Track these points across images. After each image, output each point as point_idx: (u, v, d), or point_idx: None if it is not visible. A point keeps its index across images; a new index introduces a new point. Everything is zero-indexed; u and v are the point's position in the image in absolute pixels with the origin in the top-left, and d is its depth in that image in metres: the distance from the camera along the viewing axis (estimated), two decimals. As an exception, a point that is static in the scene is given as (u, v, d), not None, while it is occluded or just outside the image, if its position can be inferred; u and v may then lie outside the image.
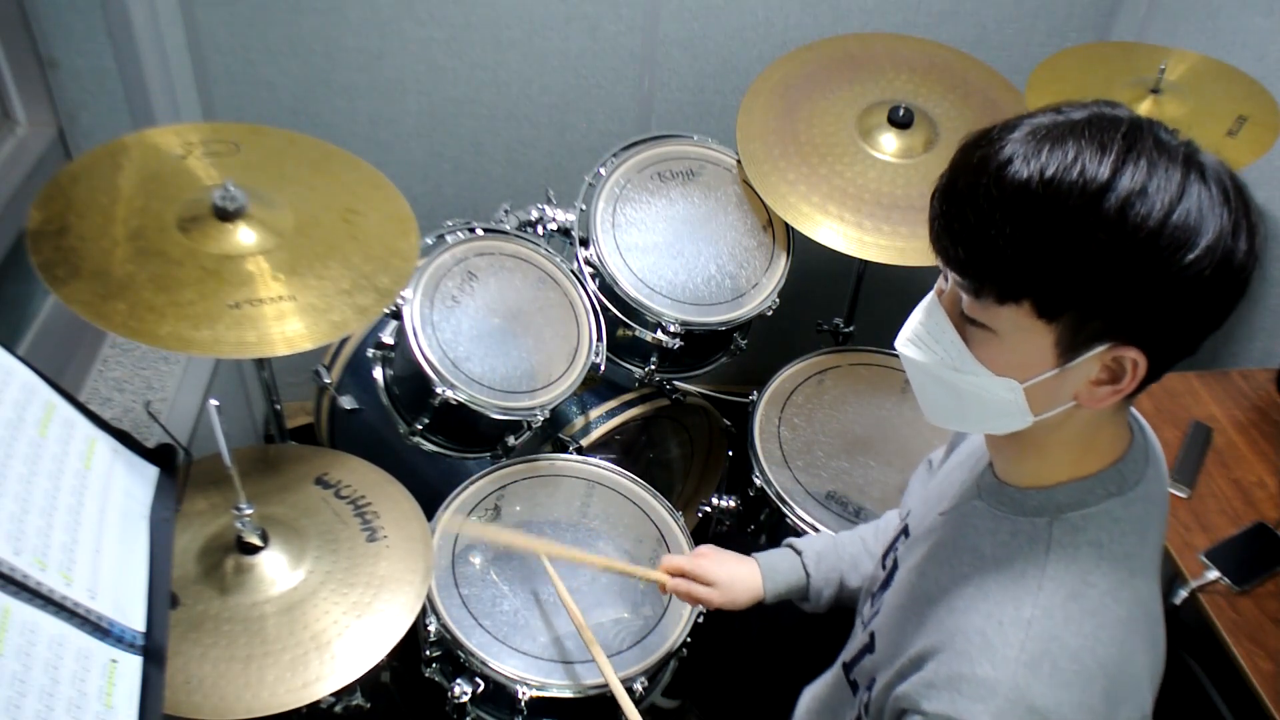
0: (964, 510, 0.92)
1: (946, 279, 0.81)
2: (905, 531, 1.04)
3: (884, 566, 1.05)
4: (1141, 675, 0.81)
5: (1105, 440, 0.84)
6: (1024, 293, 0.74)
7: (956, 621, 0.83)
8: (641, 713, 1.19)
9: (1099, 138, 0.71)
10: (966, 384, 0.81)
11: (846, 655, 1.06)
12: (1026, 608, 0.79)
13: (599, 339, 1.59)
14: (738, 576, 1.22)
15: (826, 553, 1.25)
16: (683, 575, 1.24)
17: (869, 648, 0.98)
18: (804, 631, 1.42)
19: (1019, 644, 0.78)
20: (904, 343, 0.85)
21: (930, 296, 0.83)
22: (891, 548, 1.06)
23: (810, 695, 1.17)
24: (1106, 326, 0.74)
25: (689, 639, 1.42)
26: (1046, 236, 0.71)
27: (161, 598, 0.94)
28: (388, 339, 1.51)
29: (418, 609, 1.20)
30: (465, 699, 1.33)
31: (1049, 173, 0.70)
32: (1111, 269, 0.70)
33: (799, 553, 1.25)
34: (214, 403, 1.04)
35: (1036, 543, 0.83)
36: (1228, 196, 0.71)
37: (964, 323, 0.79)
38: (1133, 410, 0.89)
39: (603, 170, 1.69)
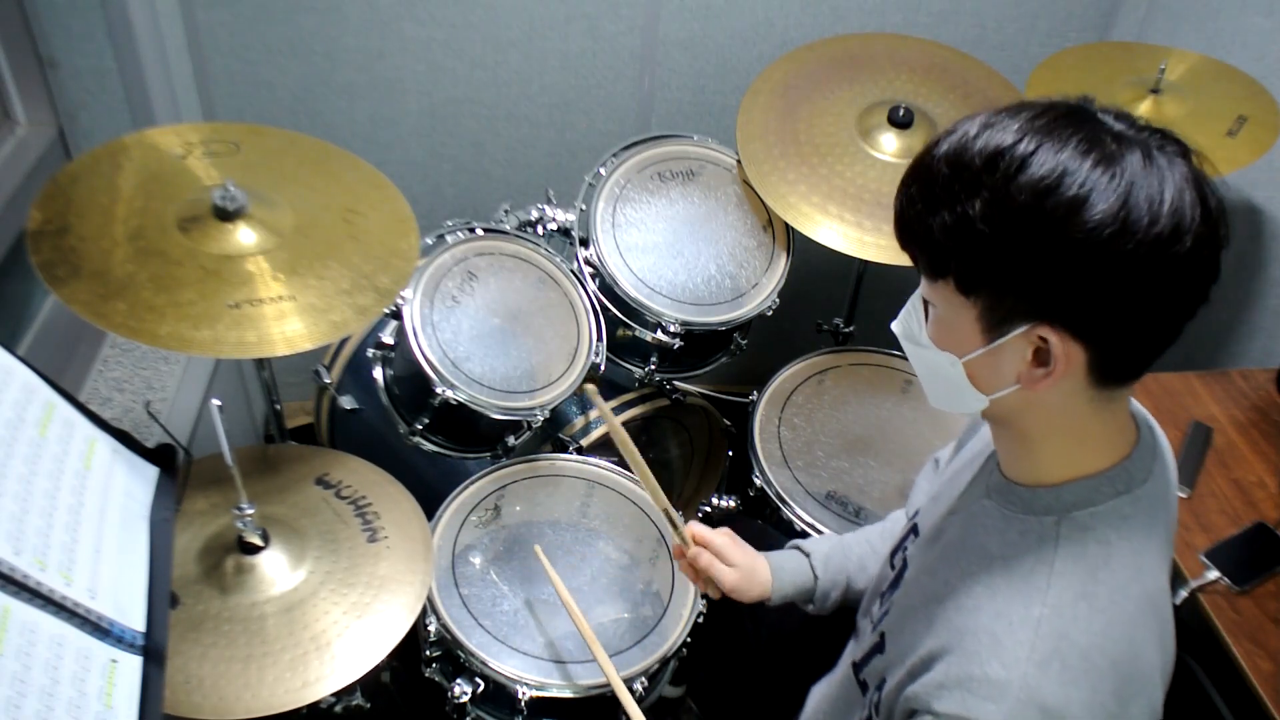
0: (973, 510, 0.93)
1: None
2: (914, 531, 1.04)
3: (892, 566, 1.05)
4: (1152, 672, 0.81)
5: (1103, 437, 0.84)
6: (946, 268, 0.77)
7: (966, 621, 0.83)
8: (644, 709, 1.19)
9: (1025, 113, 0.72)
10: (923, 357, 0.85)
11: (856, 655, 1.05)
12: (1035, 606, 0.79)
13: (599, 339, 1.59)
14: (755, 567, 1.20)
15: (834, 555, 1.24)
16: (707, 549, 1.20)
17: (879, 648, 0.98)
18: (809, 632, 1.42)
19: (1029, 643, 0.78)
20: (898, 319, 0.90)
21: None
22: (900, 547, 1.05)
23: (819, 695, 1.17)
24: (1020, 304, 0.74)
25: (689, 639, 1.42)
26: (949, 208, 0.73)
27: (161, 598, 0.94)
28: (388, 339, 1.51)
29: (418, 609, 1.20)
30: (465, 699, 1.33)
31: (958, 145, 0.73)
32: (1002, 239, 0.71)
33: (807, 554, 1.25)
34: (216, 402, 1.04)
35: (1045, 542, 0.83)
36: (1163, 175, 0.69)
37: (923, 300, 0.84)
38: (1141, 408, 0.89)
39: (603, 170, 1.69)
